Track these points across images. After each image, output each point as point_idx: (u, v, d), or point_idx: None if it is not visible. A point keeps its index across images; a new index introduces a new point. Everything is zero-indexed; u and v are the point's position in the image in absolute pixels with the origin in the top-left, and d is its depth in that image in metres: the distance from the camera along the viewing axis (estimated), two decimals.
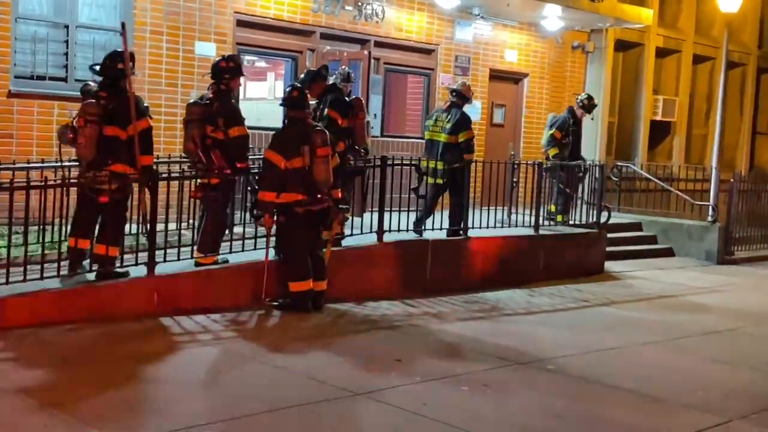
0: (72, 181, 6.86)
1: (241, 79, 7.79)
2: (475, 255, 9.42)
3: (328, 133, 7.28)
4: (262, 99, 14.57)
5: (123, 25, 7.28)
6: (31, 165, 7.83)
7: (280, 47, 11.22)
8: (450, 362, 6.12)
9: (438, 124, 9.59)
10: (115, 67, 6.81)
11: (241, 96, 13.02)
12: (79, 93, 7.63)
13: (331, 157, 7.22)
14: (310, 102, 8.00)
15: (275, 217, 7.19)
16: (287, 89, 7.59)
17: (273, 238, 7.41)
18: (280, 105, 7.57)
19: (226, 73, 7.41)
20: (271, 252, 7.45)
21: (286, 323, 7.00)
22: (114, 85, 6.82)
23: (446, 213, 9.44)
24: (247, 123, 10.99)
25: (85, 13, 9.33)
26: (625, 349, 6.95)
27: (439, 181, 9.43)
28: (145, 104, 7.00)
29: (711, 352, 7.09)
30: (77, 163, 7.00)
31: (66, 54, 9.07)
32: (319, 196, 7.14)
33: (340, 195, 7.55)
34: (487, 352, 6.44)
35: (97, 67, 6.90)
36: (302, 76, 8.71)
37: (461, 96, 9.68)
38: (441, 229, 9.23)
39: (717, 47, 16.92)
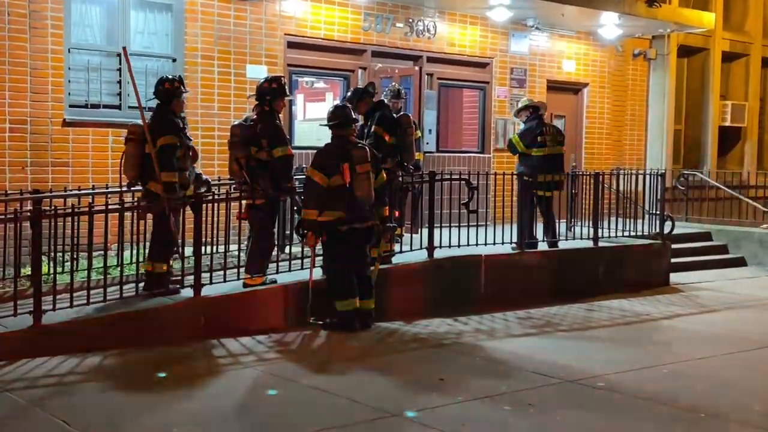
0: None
1: (286, 100, 7.78)
2: (530, 269, 9.18)
3: (368, 149, 7.19)
4: (321, 119, 14.61)
5: (124, 49, 7.53)
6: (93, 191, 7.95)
7: (331, 67, 11.21)
8: (495, 381, 5.91)
9: (555, 138, 9.65)
10: (157, 90, 7.19)
11: (300, 117, 13.25)
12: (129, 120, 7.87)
13: (373, 173, 7.12)
14: (358, 120, 7.95)
15: (319, 236, 7.12)
16: (331, 108, 7.55)
17: (319, 257, 7.36)
18: (323, 125, 7.53)
19: (269, 94, 7.40)
20: (318, 271, 7.40)
21: (332, 343, 6.92)
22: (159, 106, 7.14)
23: (499, 227, 9.21)
24: (306, 143, 11.34)
25: (137, 41, 9.49)
26: (684, 365, 6.61)
27: (553, 193, 9.61)
28: (181, 116, 7.19)
29: None
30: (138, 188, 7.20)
31: (119, 82, 9.22)
32: (361, 213, 7.03)
33: (387, 212, 7.43)
34: (536, 370, 6.20)
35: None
36: (349, 94, 8.67)
37: (537, 108, 9.82)
38: (503, 243, 9.10)
39: None
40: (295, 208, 7.79)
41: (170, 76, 7.29)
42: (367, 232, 7.21)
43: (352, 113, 7.50)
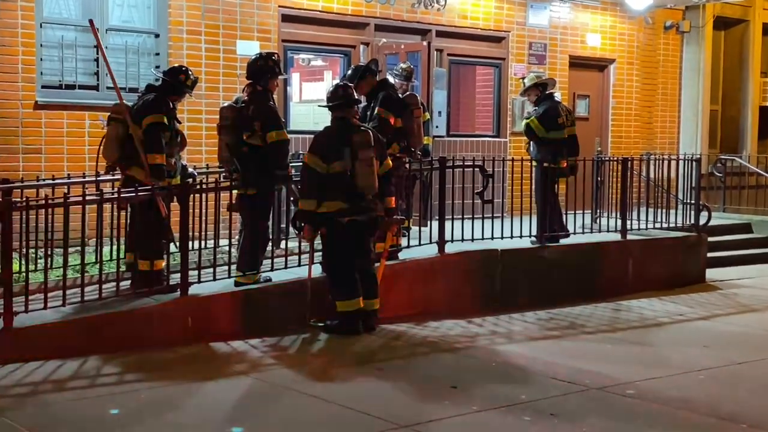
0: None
1: (281, 79, 7.76)
2: (552, 265, 9.16)
3: (372, 133, 7.17)
4: (320, 100, 14.60)
5: (91, 22, 7.48)
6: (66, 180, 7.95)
7: (330, 42, 11.19)
8: (514, 388, 5.90)
9: (569, 118, 9.55)
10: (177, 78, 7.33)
11: (296, 98, 13.23)
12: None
13: (377, 160, 7.10)
14: (360, 101, 7.93)
15: (318, 229, 7.11)
16: (330, 88, 7.53)
17: (318, 253, 7.35)
18: (321, 106, 7.51)
19: (262, 72, 7.37)
20: (317, 268, 7.40)
21: (332, 347, 6.91)
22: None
23: (517, 219, 9.20)
24: (302, 127, 11.33)
25: (116, 14, 9.48)
26: (722, 370, 6.59)
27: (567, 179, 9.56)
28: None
29: None
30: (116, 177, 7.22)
31: (97, 60, 9.21)
32: (364, 203, 7.01)
33: (393, 203, 7.41)
34: (559, 376, 6.19)
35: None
36: (349, 72, 8.63)
37: (546, 85, 9.67)
38: (521, 236, 9.08)
39: None
40: (292, 198, 7.78)
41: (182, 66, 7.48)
42: (370, 225, 7.20)
43: (354, 93, 7.46)
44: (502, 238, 8.97)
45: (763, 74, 16.35)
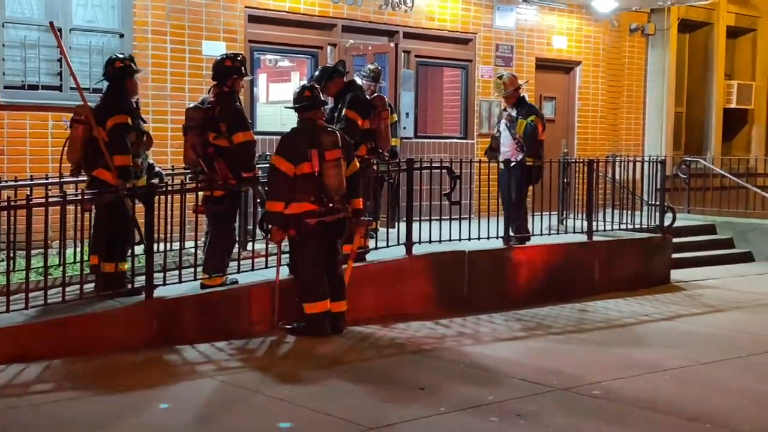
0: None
1: (247, 80, 7.74)
2: (519, 267, 9.24)
3: (339, 134, 7.18)
4: (287, 101, 14.57)
5: (51, 24, 7.42)
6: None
7: (297, 43, 11.18)
8: (481, 389, 5.93)
9: None
10: (107, 69, 7.17)
11: (262, 99, 13.19)
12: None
13: (344, 161, 7.11)
14: (327, 102, 7.93)
15: (285, 231, 7.09)
16: (297, 89, 7.52)
17: (286, 255, 7.34)
18: (288, 107, 7.50)
19: (230, 73, 7.36)
20: (285, 270, 7.39)
21: (300, 350, 6.90)
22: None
23: (484, 221, 9.25)
24: (269, 128, 11.30)
25: (80, 14, 9.40)
26: (686, 370, 6.68)
27: None
28: (135, 99, 7.17)
29: None
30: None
31: (60, 60, 9.11)
32: (332, 205, 7.02)
33: (361, 205, 7.43)
34: (525, 377, 6.23)
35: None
36: (317, 73, 8.62)
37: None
38: (488, 237, 9.10)
39: None
40: (259, 200, 7.76)
41: (120, 55, 7.23)
42: (338, 226, 7.20)
43: (321, 94, 7.47)
44: (469, 239, 9.01)
45: (727, 77, 16.58)
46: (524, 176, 9.31)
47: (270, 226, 7.13)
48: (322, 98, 7.47)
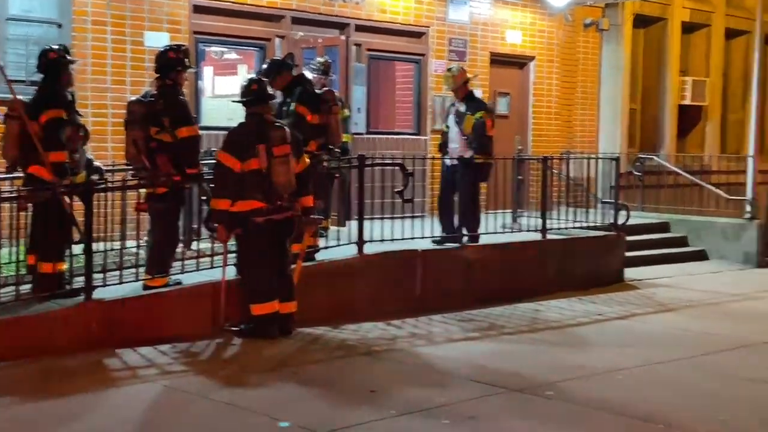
0: None
1: (191, 72, 7.69)
2: (473, 266, 9.28)
3: (288, 130, 7.15)
4: (233, 95, 14.47)
5: None
6: None
7: (244, 35, 11.10)
8: (433, 391, 5.95)
9: None
10: (41, 61, 7.01)
11: (208, 92, 13.07)
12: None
13: (294, 157, 7.09)
14: (275, 96, 7.89)
15: (232, 229, 7.04)
16: (244, 83, 7.47)
17: (232, 254, 7.29)
18: (235, 101, 7.45)
19: (173, 65, 7.29)
20: (231, 270, 7.34)
21: (247, 352, 6.87)
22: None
23: (437, 219, 9.29)
24: (215, 122, 11.19)
25: (17, 3, 9.23)
26: (640, 369, 6.77)
27: None
28: (71, 92, 7.05)
29: (741, 370, 6.90)
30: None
31: None
32: (280, 203, 6.99)
33: (311, 203, 7.41)
34: (479, 378, 6.27)
35: None
36: (265, 66, 8.61)
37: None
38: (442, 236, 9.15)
39: (752, 19, 16.72)
40: (204, 197, 7.70)
41: (55, 46, 7.10)
42: (287, 225, 7.17)
43: (269, 88, 7.43)
44: (422, 238, 9.04)
45: (682, 72, 16.82)
46: (474, 174, 9.30)
47: (216, 224, 7.07)
48: (270, 92, 7.43)
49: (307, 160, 7.45)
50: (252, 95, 7.23)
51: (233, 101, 7.58)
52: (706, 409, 5.86)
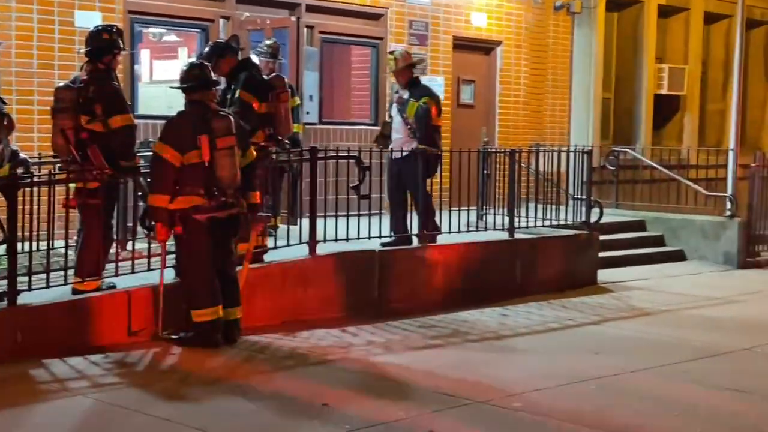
0: None
1: (124, 55, 7.65)
2: (434, 267, 9.31)
3: (233, 119, 7.13)
4: (173, 81, 14.38)
5: None
6: None
7: (185, 15, 11.04)
8: (391, 404, 5.96)
9: None
10: None
11: (145, 78, 12.96)
12: None
13: (239, 149, 7.07)
14: (219, 82, 7.85)
15: (171, 228, 6.99)
16: (185, 67, 7.44)
17: (172, 255, 7.24)
18: (174, 88, 7.41)
19: (106, 48, 7.23)
20: (170, 273, 7.28)
21: (188, 362, 6.83)
22: None
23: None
24: (152, 111, 11.09)
25: None
26: (613, 378, 6.83)
27: None
28: None
29: (719, 379, 6.99)
30: None
31: None
32: (224, 199, 6.96)
33: (258, 199, 7.37)
34: (440, 389, 6.29)
35: None
36: (207, 49, 8.57)
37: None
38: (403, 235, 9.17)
39: (734, 2, 16.97)
40: (140, 193, 7.65)
41: None
42: (231, 223, 7.14)
43: (212, 74, 7.40)
44: (380, 237, 9.04)
45: (658, 59, 16.99)
46: (421, 167, 9.23)
47: (153, 222, 7.03)
48: (213, 78, 7.38)
49: (254, 153, 7.43)
50: (193, 81, 7.19)
51: (172, 87, 7.54)
52: (684, 420, 5.92)
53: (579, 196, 11.18)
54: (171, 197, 6.92)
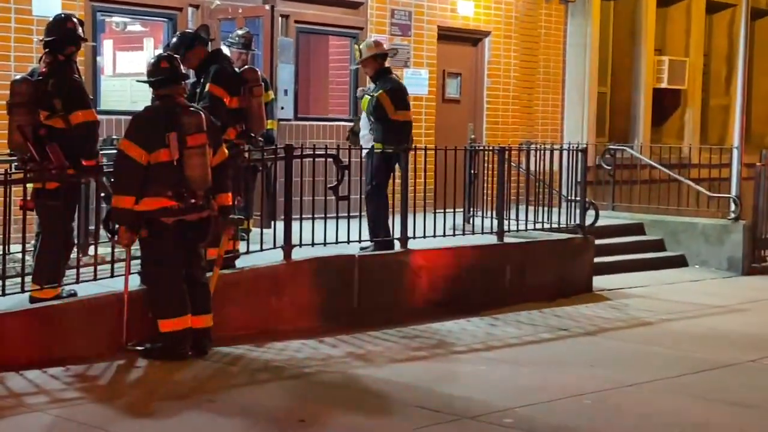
0: None
1: (87, 46, 7.64)
2: (418, 273, 9.35)
3: (204, 115, 7.15)
4: (138, 74, 14.40)
5: None
6: None
7: (150, 3, 11.02)
8: (372, 420, 6.01)
9: (408, 101, 9.64)
10: None
11: (108, 71, 12.97)
12: None
13: (210, 148, 7.09)
14: (188, 76, 7.88)
15: (137, 231, 7.00)
16: (152, 60, 7.47)
17: (137, 261, 7.25)
18: (141, 81, 7.43)
19: (66, 38, 7.23)
20: (135, 279, 7.29)
21: (154, 375, 6.85)
22: None
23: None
24: (116, 106, 11.09)
25: None
26: (610, 393, 6.89)
27: None
28: None
29: (724, 393, 7.06)
30: None
31: None
32: (193, 201, 6.98)
33: (229, 201, 7.40)
34: (425, 404, 6.32)
35: None
36: (174, 40, 8.57)
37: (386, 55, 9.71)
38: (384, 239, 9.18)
39: None
40: (103, 194, 7.65)
41: None
42: (201, 227, 7.16)
43: (181, 66, 7.43)
44: (360, 241, 9.07)
45: (658, 51, 17.10)
46: (372, 166, 9.27)
47: (117, 225, 7.03)
48: (183, 71, 7.41)
49: (226, 152, 7.44)
50: (161, 74, 7.20)
51: (139, 81, 7.56)
52: None
53: (573, 198, 11.24)
54: (137, 198, 6.93)
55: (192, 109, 7.18)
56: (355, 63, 9.60)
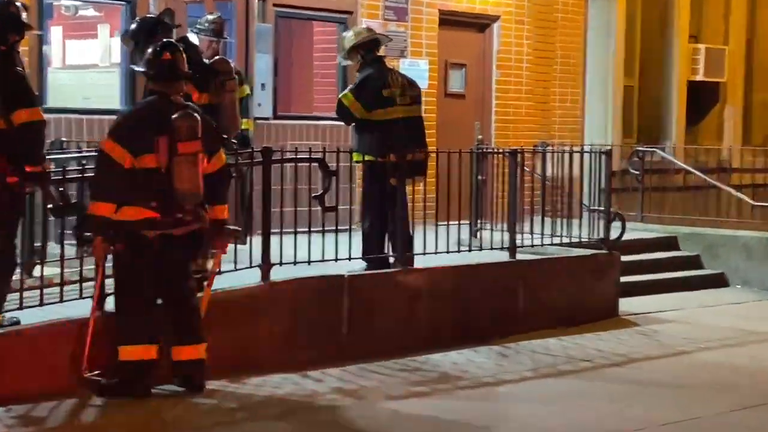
0: None
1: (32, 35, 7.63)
2: (418, 296, 9.33)
3: (201, 117, 7.19)
4: (92, 66, 14.38)
5: None
6: None
7: None
8: None
9: (406, 93, 9.57)
10: None
11: (57, 63, 12.95)
12: None
13: (206, 154, 7.17)
14: (190, 75, 7.82)
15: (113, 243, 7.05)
16: (155, 47, 7.49)
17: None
18: (136, 70, 7.45)
19: (7, 25, 7.22)
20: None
21: (111, 416, 6.81)
22: None
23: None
24: (66, 103, 11.04)
25: None
26: None
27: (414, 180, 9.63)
28: None
29: None
30: None
31: None
32: (180, 215, 7.05)
33: (225, 214, 7.45)
34: None
35: None
36: (133, 26, 8.56)
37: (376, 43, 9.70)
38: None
39: None
40: (50, 205, 7.62)
41: None
42: (189, 243, 7.24)
43: (185, 63, 7.42)
44: (350, 259, 9.05)
45: (693, 39, 17.12)
46: (363, 174, 9.46)
47: (91, 234, 7.08)
48: (186, 69, 7.42)
49: (224, 158, 7.49)
50: (159, 67, 7.28)
51: (139, 72, 7.50)
52: None
53: (595, 207, 11.24)
54: (117, 206, 6.97)
55: (188, 111, 7.18)
56: (340, 56, 9.59)
